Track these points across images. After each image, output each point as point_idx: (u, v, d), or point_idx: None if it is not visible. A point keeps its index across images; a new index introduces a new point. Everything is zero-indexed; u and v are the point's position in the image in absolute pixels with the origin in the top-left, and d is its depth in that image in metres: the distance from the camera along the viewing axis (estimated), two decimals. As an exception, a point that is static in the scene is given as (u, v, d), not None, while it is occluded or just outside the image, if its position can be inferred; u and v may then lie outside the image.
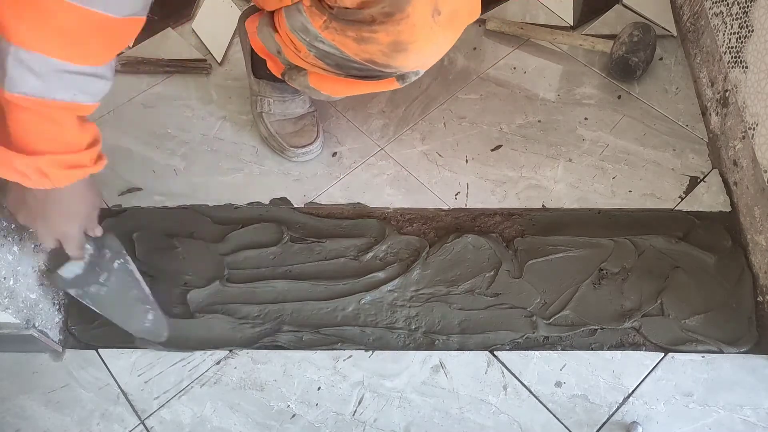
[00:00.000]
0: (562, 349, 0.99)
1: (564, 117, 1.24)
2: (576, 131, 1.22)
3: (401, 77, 0.92)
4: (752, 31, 1.05)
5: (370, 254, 1.07)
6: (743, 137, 1.07)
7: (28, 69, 0.70)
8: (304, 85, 1.01)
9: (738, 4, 1.10)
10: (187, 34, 1.38)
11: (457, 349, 0.99)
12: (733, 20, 1.11)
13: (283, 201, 1.14)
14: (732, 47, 1.11)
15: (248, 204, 1.14)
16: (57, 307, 1.00)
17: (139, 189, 1.16)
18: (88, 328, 1.00)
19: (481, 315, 1.02)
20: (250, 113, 1.24)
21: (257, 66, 1.14)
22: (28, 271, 0.92)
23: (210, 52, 1.35)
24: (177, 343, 0.99)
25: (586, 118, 1.23)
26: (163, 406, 0.96)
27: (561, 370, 0.97)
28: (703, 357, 0.98)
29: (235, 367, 0.98)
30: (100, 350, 1.00)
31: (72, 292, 0.94)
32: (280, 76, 1.06)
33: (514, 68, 1.31)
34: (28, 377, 0.98)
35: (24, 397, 0.97)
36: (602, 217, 1.12)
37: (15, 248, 0.89)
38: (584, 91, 1.27)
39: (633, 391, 0.96)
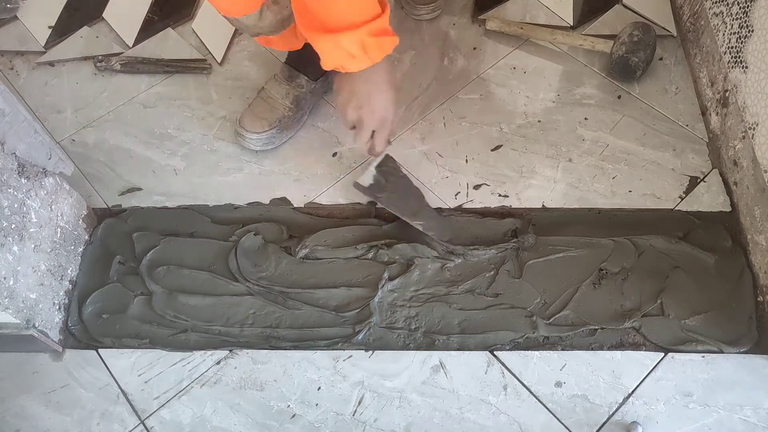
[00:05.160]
0: (562, 349, 0.99)
1: (564, 117, 1.24)
2: (576, 131, 1.22)
3: None
4: (752, 31, 1.05)
5: (371, 254, 1.07)
6: (743, 137, 1.07)
7: None
8: None
9: (738, 4, 1.10)
10: (187, 34, 1.38)
11: (457, 349, 0.99)
12: (733, 20, 1.11)
13: (283, 201, 1.14)
14: (732, 47, 1.11)
15: (248, 204, 1.14)
16: (57, 307, 1.00)
17: (139, 189, 1.16)
18: (94, 321, 1.01)
19: (481, 315, 1.02)
20: (250, 113, 1.24)
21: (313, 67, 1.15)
22: (28, 271, 0.92)
23: (210, 52, 1.35)
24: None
25: (586, 118, 1.23)
26: (163, 406, 0.96)
27: (561, 370, 0.97)
28: (703, 357, 0.98)
29: (235, 367, 0.98)
30: (100, 350, 1.00)
31: (370, 197, 1.10)
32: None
33: (514, 68, 1.31)
34: (28, 377, 0.98)
35: (24, 397, 0.97)
36: (602, 217, 1.11)
37: (15, 248, 0.89)
38: (584, 91, 1.27)
39: (633, 391, 0.96)
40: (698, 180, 1.15)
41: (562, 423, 0.94)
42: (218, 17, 1.38)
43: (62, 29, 1.38)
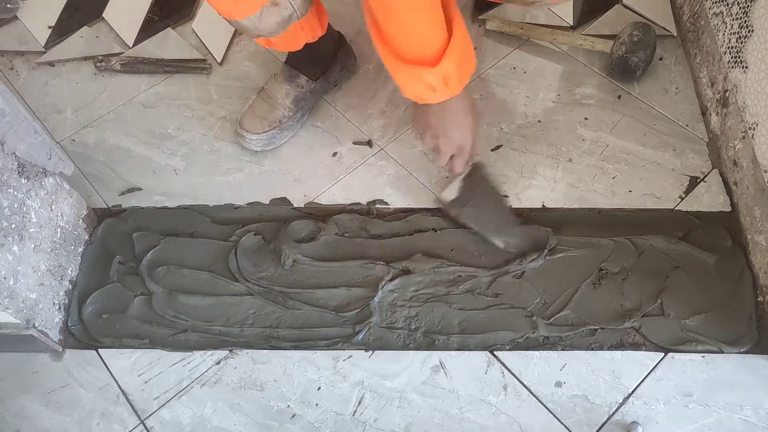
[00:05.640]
0: (562, 349, 0.99)
1: (564, 117, 1.24)
2: (576, 131, 1.22)
3: None
4: (752, 31, 1.05)
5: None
6: (743, 137, 1.07)
7: None
8: None
9: (738, 4, 1.10)
10: (187, 34, 1.38)
11: (457, 349, 0.99)
12: (733, 20, 1.11)
13: (283, 201, 1.14)
14: (732, 47, 1.11)
15: (248, 204, 1.14)
16: (57, 307, 1.00)
17: (139, 189, 1.16)
18: (94, 321, 1.01)
19: (481, 315, 1.02)
20: (250, 113, 1.24)
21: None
22: (28, 271, 0.92)
23: (210, 52, 1.35)
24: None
25: (586, 118, 1.23)
26: (163, 406, 0.96)
27: (561, 370, 0.97)
28: (703, 357, 0.98)
29: (235, 367, 0.99)
30: (100, 350, 1.00)
31: (452, 212, 1.09)
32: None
33: (514, 68, 1.31)
34: (28, 377, 0.98)
35: (24, 397, 0.97)
36: (602, 217, 1.11)
37: (15, 248, 0.89)
38: (584, 91, 1.27)
39: (633, 391, 0.96)
40: (698, 180, 1.15)
41: (562, 423, 0.94)
42: (218, 17, 1.38)
43: (62, 29, 1.38)
